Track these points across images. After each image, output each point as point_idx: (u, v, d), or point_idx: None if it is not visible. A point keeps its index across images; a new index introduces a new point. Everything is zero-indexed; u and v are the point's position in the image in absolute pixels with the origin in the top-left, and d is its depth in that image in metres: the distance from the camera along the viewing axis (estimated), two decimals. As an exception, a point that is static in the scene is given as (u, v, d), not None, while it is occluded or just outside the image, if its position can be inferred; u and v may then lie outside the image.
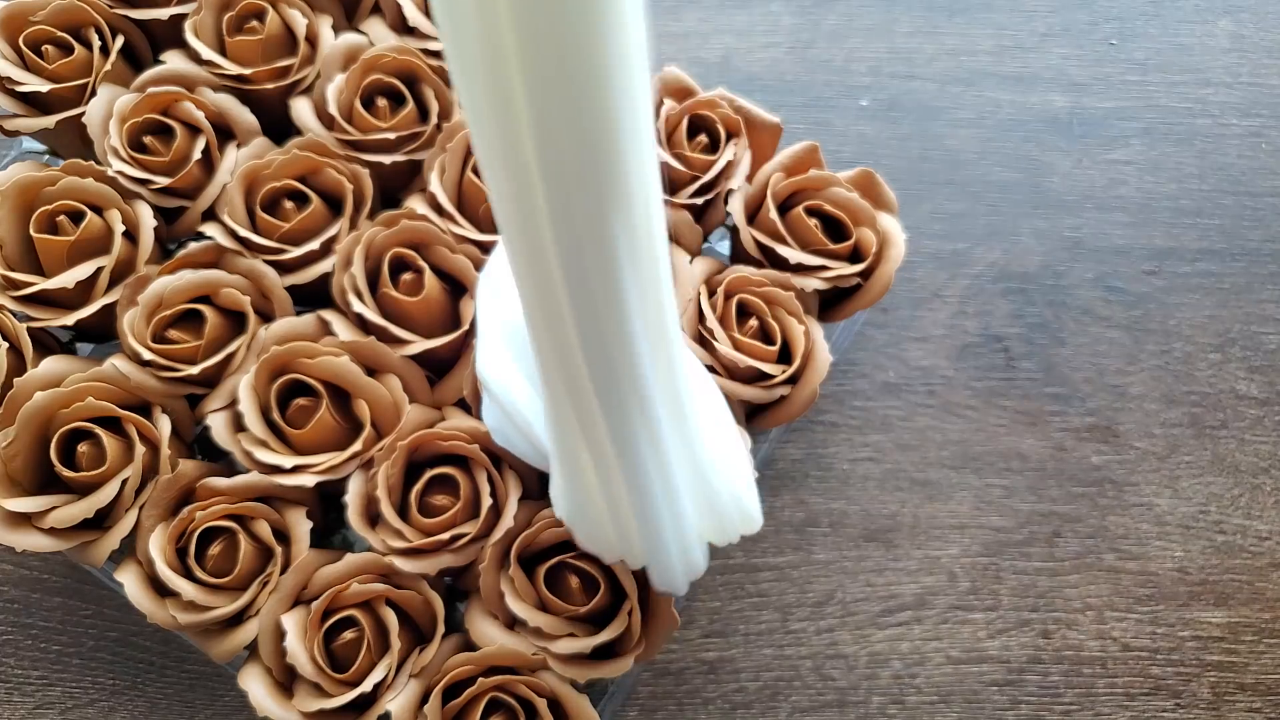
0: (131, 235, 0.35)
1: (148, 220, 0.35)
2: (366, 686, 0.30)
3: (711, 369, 0.35)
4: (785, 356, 0.36)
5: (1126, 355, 0.46)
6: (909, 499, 0.43)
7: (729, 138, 0.38)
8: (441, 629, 0.32)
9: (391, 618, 0.31)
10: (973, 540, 0.42)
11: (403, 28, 0.40)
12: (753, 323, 0.36)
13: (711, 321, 0.35)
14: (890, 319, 0.46)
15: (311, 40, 0.39)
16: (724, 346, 0.35)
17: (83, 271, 0.34)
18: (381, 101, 0.37)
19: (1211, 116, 0.51)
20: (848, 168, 0.38)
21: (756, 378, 0.35)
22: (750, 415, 0.37)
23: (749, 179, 0.38)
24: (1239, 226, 0.49)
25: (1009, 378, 0.45)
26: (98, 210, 0.35)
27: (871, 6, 0.54)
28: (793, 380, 0.36)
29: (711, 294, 0.36)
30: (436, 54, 0.39)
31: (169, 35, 0.39)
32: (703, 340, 0.36)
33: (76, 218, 0.35)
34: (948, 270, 0.47)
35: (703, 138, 0.38)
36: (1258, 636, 0.41)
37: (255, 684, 0.31)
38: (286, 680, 0.32)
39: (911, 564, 0.42)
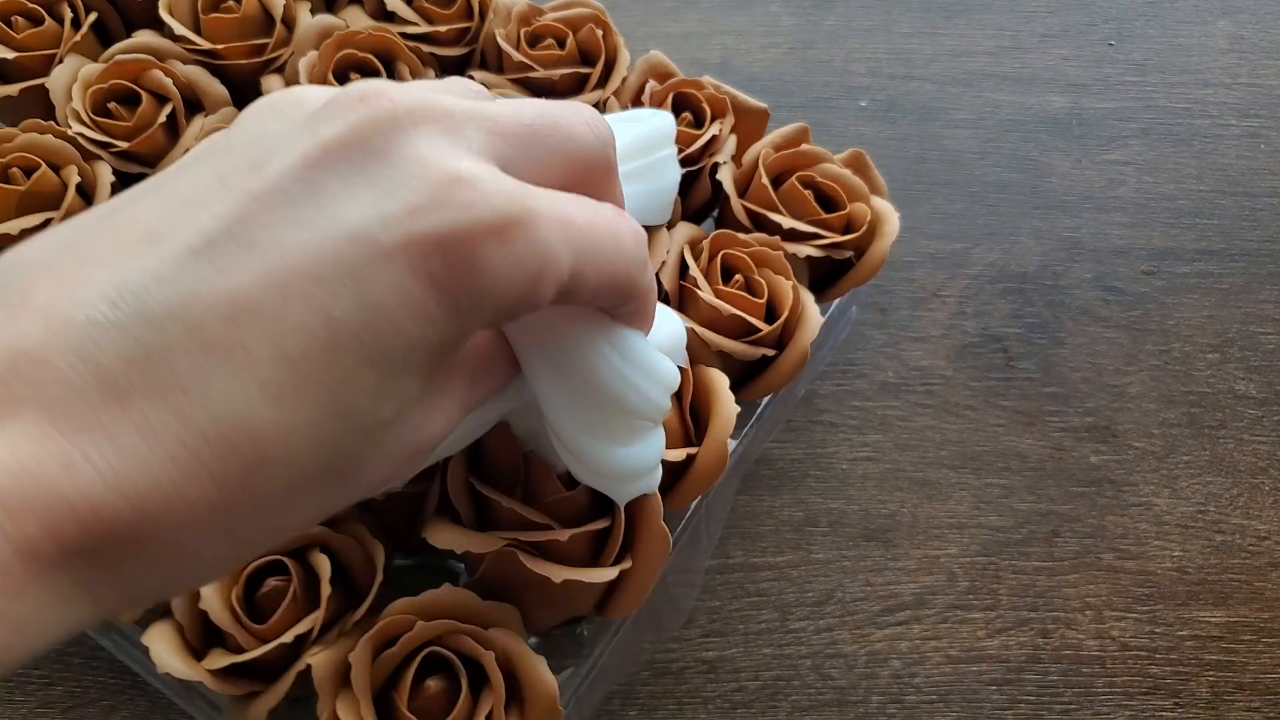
0: (86, 192, 0.35)
1: (105, 178, 0.35)
2: (287, 638, 0.27)
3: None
4: (772, 317, 0.34)
5: (1125, 355, 0.46)
6: (908, 498, 0.43)
7: (714, 117, 0.38)
8: (380, 577, 0.29)
9: (324, 565, 0.28)
10: (971, 540, 0.42)
11: (382, 15, 0.40)
12: (738, 278, 0.34)
13: (695, 272, 0.33)
14: (889, 319, 0.46)
15: (288, 22, 0.39)
16: (706, 294, 0.33)
17: (29, 221, 0.34)
18: (355, 77, 0.37)
19: (1210, 117, 0.51)
20: (847, 168, 0.38)
21: (741, 331, 0.33)
22: (738, 382, 0.34)
23: (736, 160, 0.38)
24: (1237, 227, 0.49)
25: (1008, 378, 0.45)
26: (54, 167, 0.35)
27: (870, 8, 0.54)
28: (780, 345, 0.34)
29: (696, 254, 0.34)
30: (414, 37, 0.39)
31: (143, 17, 0.39)
32: (682, 294, 0.34)
33: (30, 171, 0.35)
34: (947, 270, 0.47)
35: (688, 115, 0.38)
36: (1256, 636, 0.41)
37: (159, 640, 0.27)
38: (202, 645, 0.29)
39: (910, 563, 0.42)
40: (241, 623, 0.28)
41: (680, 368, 0.29)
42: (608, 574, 0.27)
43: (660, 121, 0.32)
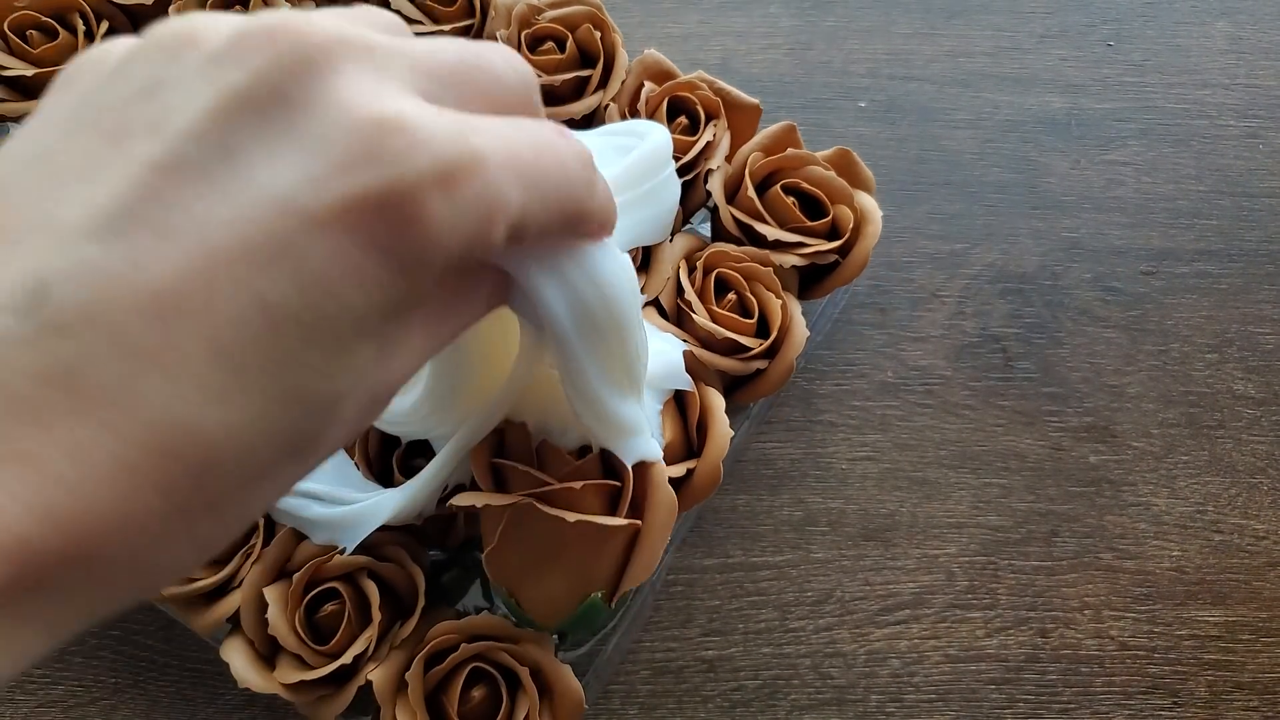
0: None
1: None
2: (347, 658, 0.31)
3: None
4: (763, 331, 0.36)
5: (1124, 355, 0.46)
6: (907, 498, 0.43)
7: (708, 119, 0.39)
8: (422, 601, 0.32)
9: (373, 590, 0.32)
10: (971, 539, 0.42)
11: None
12: (731, 297, 0.36)
13: (690, 295, 0.36)
14: (888, 319, 0.46)
15: None
16: (701, 318, 0.35)
17: None
18: None
19: (1209, 118, 0.51)
20: (846, 168, 0.39)
21: (733, 350, 0.36)
22: (729, 390, 0.37)
23: (728, 159, 0.39)
24: (1236, 227, 0.49)
25: (1007, 378, 0.45)
26: None
27: (870, 8, 0.54)
28: (770, 355, 0.36)
29: (691, 270, 0.37)
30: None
31: (154, 22, 0.40)
32: (680, 313, 0.36)
33: None
34: (946, 271, 0.47)
35: (683, 119, 0.38)
36: (1255, 635, 0.41)
37: (237, 656, 0.31)
38: (269, 652, 0.32)
39: (910, 563, 0.42)
40: (306, 644, 0.31)
41: (685, 391, 0.33)
42: (620, 521, 0.28)
43: (657, 140, 0.31)
